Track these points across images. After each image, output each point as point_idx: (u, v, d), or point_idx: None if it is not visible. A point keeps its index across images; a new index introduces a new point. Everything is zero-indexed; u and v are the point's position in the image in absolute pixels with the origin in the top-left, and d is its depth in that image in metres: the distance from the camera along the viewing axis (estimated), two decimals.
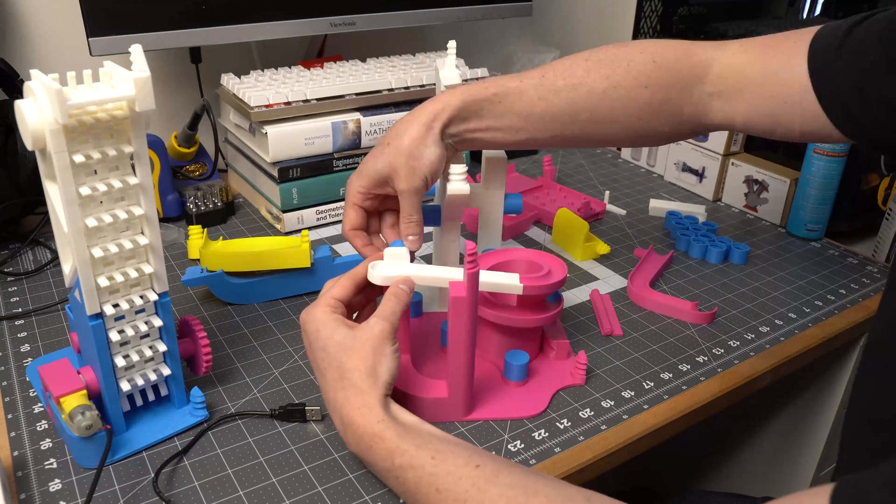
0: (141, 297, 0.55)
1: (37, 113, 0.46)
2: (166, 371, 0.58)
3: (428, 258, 0.83)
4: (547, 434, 0.59)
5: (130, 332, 0.55)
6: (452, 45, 0.75)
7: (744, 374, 0.68)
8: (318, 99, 0.90)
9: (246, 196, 1.01)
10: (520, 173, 1.08)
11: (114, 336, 0.54)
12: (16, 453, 0.56)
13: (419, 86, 0.97)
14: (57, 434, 0.58)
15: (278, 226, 0.92)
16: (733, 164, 1.01)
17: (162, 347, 0.57)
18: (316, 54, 1.15)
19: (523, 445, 0.58)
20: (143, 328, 0.55)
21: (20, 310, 0.73)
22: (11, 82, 0.85)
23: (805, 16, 1.17)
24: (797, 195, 0.93)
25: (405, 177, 0.60)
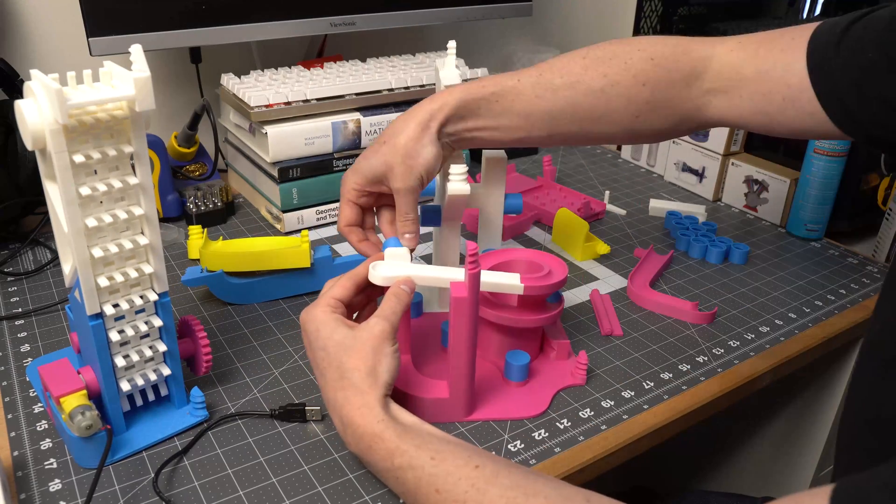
0: (141, 297, 0.55)
1: (37, 113, 0.46)
2: (166, 371, 0.58)
3: (428, 258, 0.83)
4: (547, 434, 0.59)
5: (130, 332, 0.55)
6: (452, 45, 0.75)
7: (744, 374, 0.68)
8: (318, 99, 0.90)
9: (246, 196, 1.01)
10: (520, 173, 1.08)
11: (114, 336, 0.54)
12: (16, 453, 0.56)
13: (419, 86, 0.97)
14: (57, 434, 0.58)
15: (278, 226, 0.92)
16: (733, 164, 1.01)
17: (162, 347, 0.57)
18: (316, 54, 1.15)
19: (523, 445, 0.58)
20: (143, 328, 0.55)
21: (20, 310, 0.73)
22: (11, 82, 0.85)
23: (805, 16, 1.17)
24: (797, 195, 0.93)
25: (401, 176, 0.60)
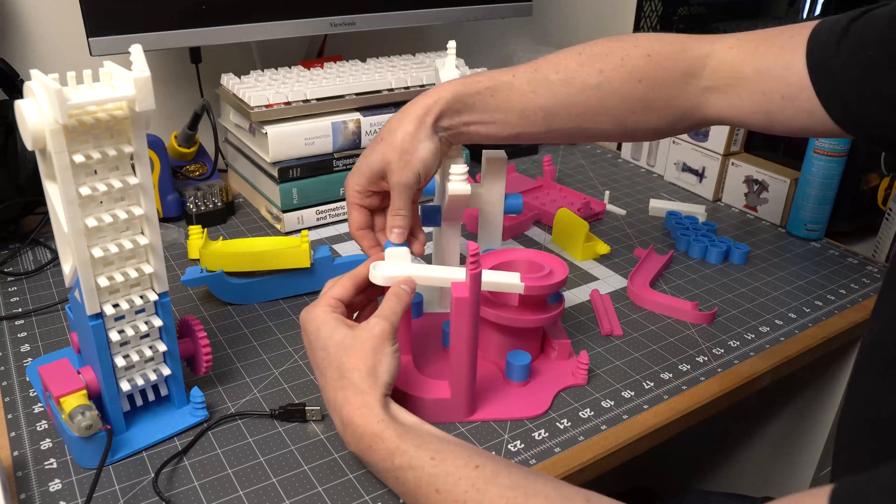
0: (141, 297, 0.55)
1: (37, 113, 0.46)
2: (166, 371, 0.58)
3: (428, 258, 0.83)
4: (547, 434, 0.59)
5: (130, 332, 0.55)
6: (452, 45, 0.75)
7: (744, 374, 0.68)
8: (318, 99, 0.90)
9: (246, 196, 1.01)
10: (520, 173, 1.08)
11: (114, 336, 0.54)
12: (16, 453, 0.56)
13: (419, 86, 0.97)
14: (57, 434, 0.58)
15: (278, 226, 0.92)
16: (733, 164, 1.01)
17: (162, 347, 0.57)
18: (316, 54, 1.15)
19: (523, 445, 0.58)
20: (143, 328, 0.55)
21: (20, 310, 0.73)
22: (11, 82, 0.85)
23: (805, 16, 1.17)
24: (797, 195, 0.93)
25: (397, 170, 0.61)
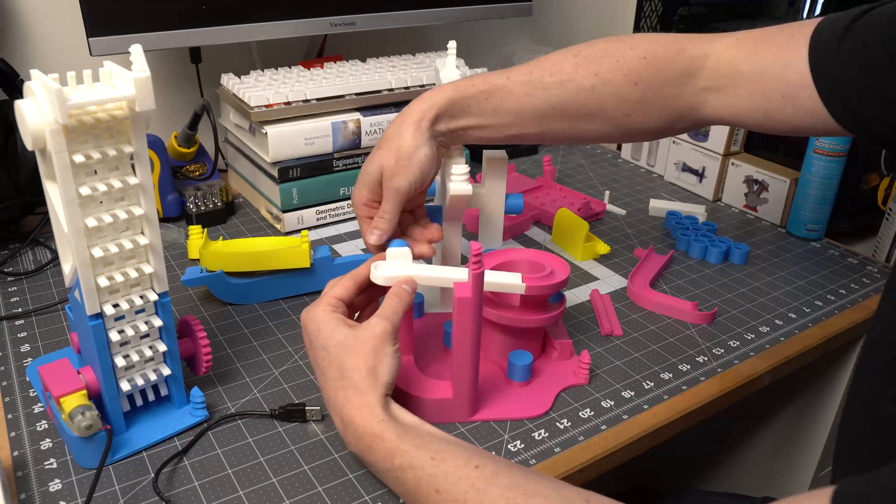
0: (141, 297, 0.55)
1: (37, 113, 0.46)
2: (166, 371, 0.58)
3: (428, 258, 0.83)
4: (547, 434, 0.59)
5: (130, 332, 0.55)
6: (452, 45, 0.75)
7: (744, 374, 0.68)
8: (318, 99, 0.90)
9: (246, 196, 1.01)
10: (520, 173, 1.08)
11: (114, 336, 0.54)
12: (16, 453, 0.56)
13: (419, 86, 0.97)
14: (57, 434, 0.58)
15: (278, 226, 0.92)
16: (733, 164, 1.01)
17: (162, 347, 0.57)
18: (316, 54, 1.15)
19: (523, 445, 0.58)
20: (143, 328, 0.55)
21: (20, 310, 0.73)
22: (11, 82, 0.85)
23: (805, 16, 1.17)
24: (797, 195, 0.93)
25: (391, 176, 0.61)
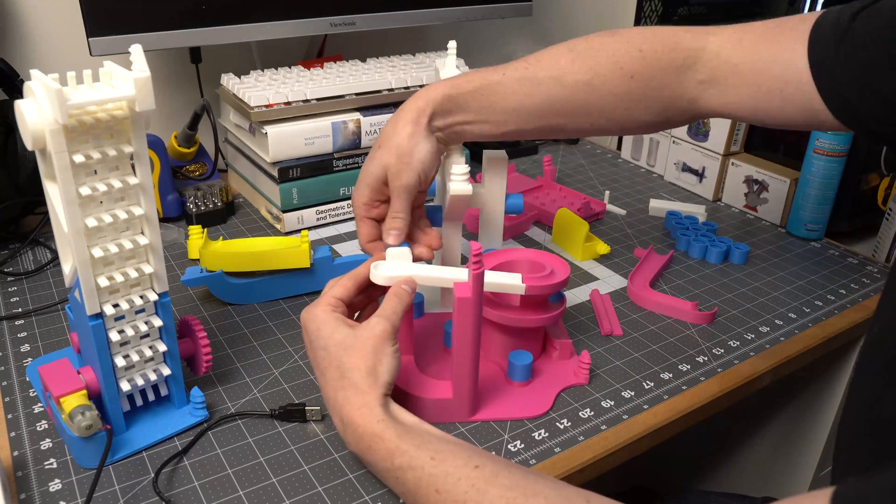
0: (141, 297, 0.55)
1: (37, 113, 0.46)
2: (166, 371, 0.58)
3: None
4: (547, 434, 0.59)
5: (130, 332, 0.55)
6: (452, 45, 0.75)
7: (744, 374, 0.68)
8: (318, 99, 0.90)
9: (246, 196, 1.01)
10: (520, 173, 1.08)
11: (114, 336, 0.54)
12: (16, 453, 0.56)
13: (419, 86, 0.97)
14: (57, 434, 0.58)
15: (278, 226, 0.92)
16: (733, 164, 1.01)
17: (162, 347, 0.57)
18: (316, 54, 1.15)
19: (523, 445, 0.58)
20: (143, 328, 0.55)
21: (20, 310, 0.73)
22: (11, 82, 0.85)
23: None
24: (797, 195, 0.93)
25: (397, 173, 0.61)
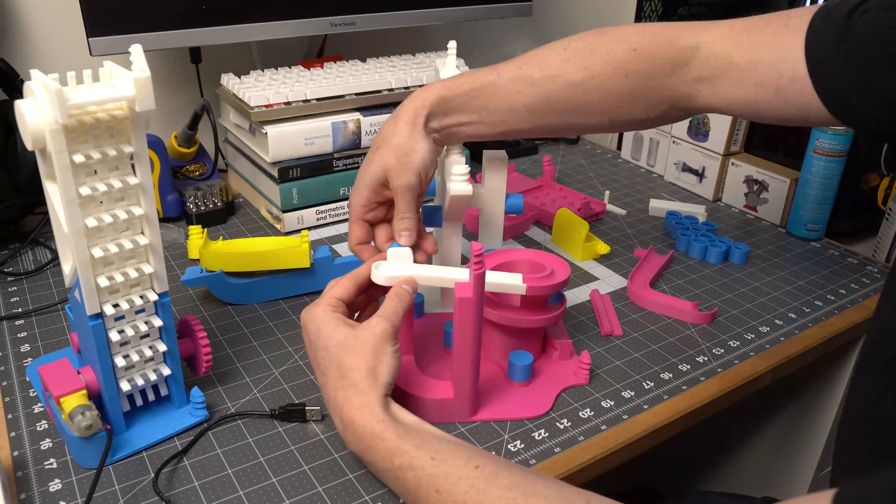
0: (141, 297, 0.55)
1: (37, 113, 0.46)
2: (166, 371, 0.58)
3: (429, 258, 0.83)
4: (547, 434, 0.59)
5: (130, 332, 0.55)
6: (452, 45, 0.75)
7: (744, 374, 0.68)
8: (318, 99, 0.90)
9: (246, 196, 1.01)
10: (520, 173, 1.08)
11: (114, 336, 0.54)
12: (16, 453, 0.56)
13: (419, 86, 0.97)
14: (57, 434, 0.58)
15: (278, 226, 0.92)
16: (733, 164, 1.01)
17: (162, 347, 0.57)
18: (316, 54, 1.15)
19: (523, 445, 0.58)
20: (143, 328, 0.55)
21: (20, 310, 0.73)
22: (11, 82, 0.85)
23: None
24: (797, 195, 0.93)
25: (398, 174, 0.61)
